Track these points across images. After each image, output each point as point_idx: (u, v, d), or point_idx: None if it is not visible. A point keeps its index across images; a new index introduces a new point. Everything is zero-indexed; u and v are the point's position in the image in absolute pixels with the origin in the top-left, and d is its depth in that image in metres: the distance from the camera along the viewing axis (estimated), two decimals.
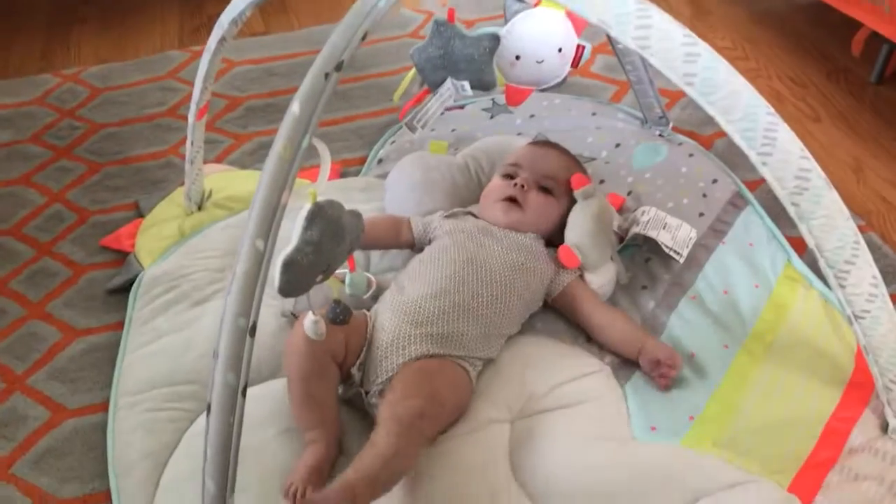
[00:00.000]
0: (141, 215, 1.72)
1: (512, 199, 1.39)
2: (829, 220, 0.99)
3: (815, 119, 1.91)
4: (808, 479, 1.12)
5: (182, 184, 1.69)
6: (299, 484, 1.09)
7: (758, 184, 1.65)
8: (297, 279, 0.94)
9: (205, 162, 1.63)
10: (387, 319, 1.25)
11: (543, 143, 1.51)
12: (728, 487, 1.09)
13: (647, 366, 1.27)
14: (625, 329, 1.32)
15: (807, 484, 1.11)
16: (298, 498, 1.07)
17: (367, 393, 1.21)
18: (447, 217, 1.43)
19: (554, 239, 1.41)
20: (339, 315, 1.02)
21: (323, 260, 0.96)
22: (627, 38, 0.92)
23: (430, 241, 1.41)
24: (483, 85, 1.11)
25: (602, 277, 1.38)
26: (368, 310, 1.32)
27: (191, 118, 1.48)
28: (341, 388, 1.24)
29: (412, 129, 1.07)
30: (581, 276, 1.38)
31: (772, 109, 0.95)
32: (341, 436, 1.19)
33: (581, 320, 1.35)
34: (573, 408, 1.23)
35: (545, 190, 1.40)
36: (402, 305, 1.25)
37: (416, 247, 1.44)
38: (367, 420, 1.21)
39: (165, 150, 1.92)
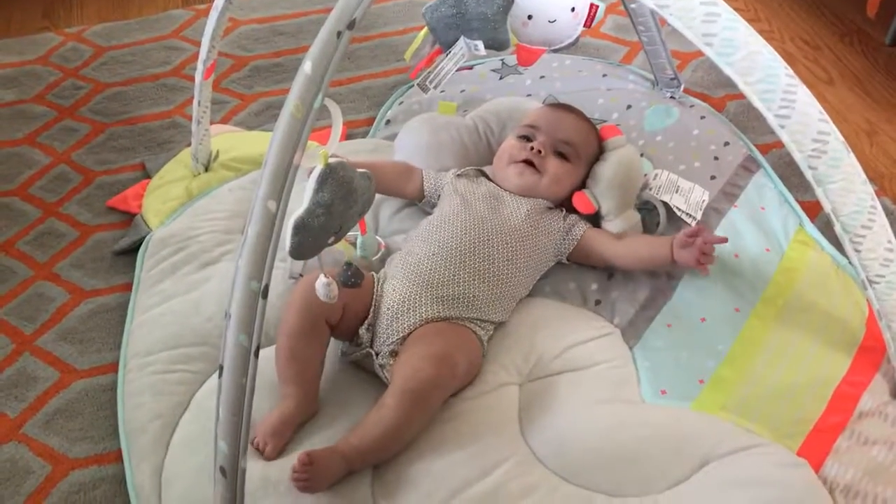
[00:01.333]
0: (147, 176, 1.71)
1: (528, 163, 1.38)
2: (847, 183, 0.98)
3: (828, 82, 1.89)
4: (817, 443, 1.12)
5: (188, 144, 1.68)
6: (262, 439, 1.12)
7: (769, 147, 1.64)
8: (308, 241, 0.94)
9: (211, 123, 1.61)
10: (397, 281, 1.24)
11: (563, 107, 1.48)
12: (738, 451, 1.09)
13: (685, 254, 1.27)
14: (647, 242, 1.33)
15: (816, 448, 1.11)
16: (266, 451, 1.11)
17: (377, 354, 1.21)
18: (459, 176, 1.42)
19: (564, 205, 1.41)
20: (351, 278, 1.02)
21: (335, 222, 0.95)
22: None
23: (438, 197, 1.41)
24: (497, 44, 1.09)
25: (619, 225, 1.38)
26: (377, 272, 1.31)
27: (198, 77, 1.46)
28: (348, 348, 1.24)
29: (424, 89, 1.05)
30: (599, 226, 1.39)
31: (791, 71, 0.93)
32: (317, 396, 1.19)
33: (604, 260, 1.35)
34: (582, 371, 1.23)
35: (562, 156, 1.39)
36: (413, 267, 1.25)
37: (424, 200, 1.44)
38: (374, 381, 1.21)
39: (171, 110, 1.90)
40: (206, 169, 1.64)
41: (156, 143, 1.81)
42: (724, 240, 1.30)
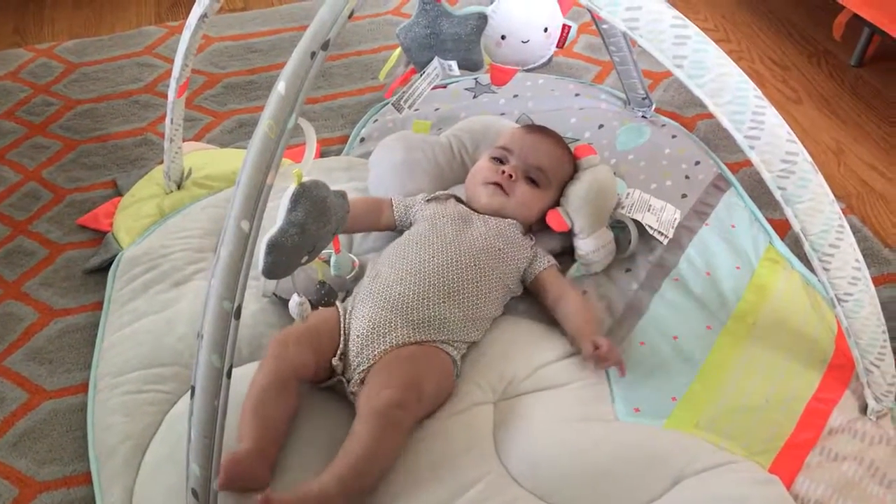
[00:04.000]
0: (119, 194, 1.69)
1: (498, 185, 1.38)
2: (815, 203, 0.99)
3: (797, 101, 1.92)
4: (789, 459, 1.13)
5: (160, 162, 1.67)
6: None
7: (740, 166, 1.66)
8: (281, 260, 0.94)
9: (183, 140, 1.60)
10: (366, 307, 1.23)
11: (539, 131, 1.48)
12: (711, 468, 1.10)
13: (587, 355, 1.24)
14: (576, 324, 1.29)
15: (788, 464, 1.12)
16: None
17: (348, 381, 1.20)
18: (429, 201, 1.42)
19: (535, 227, 1.42)
20: (325, 297, 1.02)
21: (308, 241, 0.95)
22: (617, 20, 0.92)
23: (410, 224, 1.40)
24: (470, 64, 1.09)
25: (592, 244, 1.39)
26: (349, 292, 1.31)
27: (171, 95, 1.45)
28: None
29: (399, 109, 1.06)
30: (572, 244, 1.40)
31: (760, 92, 0.95)
32: (273, 462, 1.10)
33: (547, 307, 1.35)
34: (556, 389, 1.23)
35: (533, 182, 1.40)
36: (381, 292, 1.24)
37: (396, 228, 1.43)
38: (350, 409, 1.20)
39: (143, 127, 1.89)
40: (179, 187, 1.63)
41: (128, 160, 1.80)
42: (621, 366, 1.24)
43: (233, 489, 1.03)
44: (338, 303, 1.27)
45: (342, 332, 1.22)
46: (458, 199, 1.43)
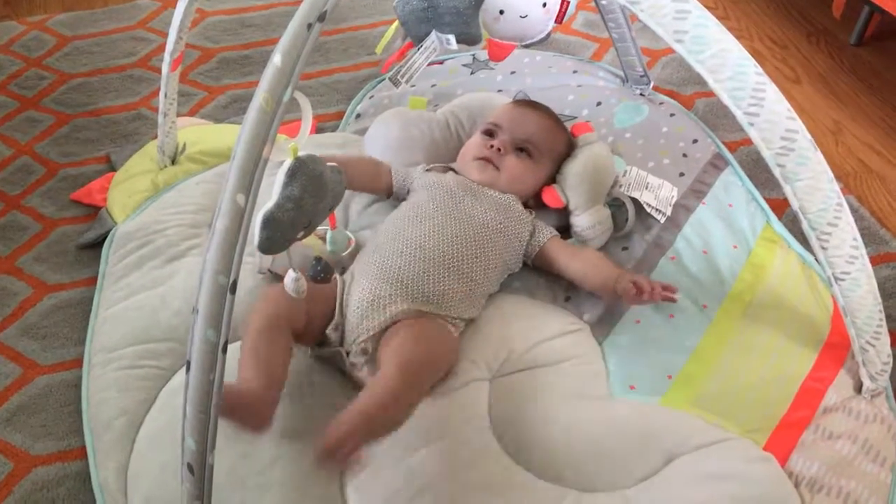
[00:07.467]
0: (113, 169, 1.68)
1: (488, 160, 1.38)
2: (814, 181, 0.98)
3: (795, 81, 1.91)
4: (783, 437, 1.13)
5: (154, 137, 1.65)
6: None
7: (737, 145, 1.65)
8: (277, 236, 0.92)
9: (177, 115, 1.59)
10: (366, 280, 1.23)
11: (527, 104, 1.48)
12: (705, 446, 1.10)
13: (627, 296, 1.25)
14: (601, 273, 1.30)
15: (782, 442, 1.13)
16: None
17: (347, 353, 1.20)
18: (428, 171, 1.41)
19: (531, 204, 1.42)
20: (321, 273, 1.01)
21: (304, 216, 0.94)
22: None
23: (408, 192, 1.40)
24: (469, 38, 1.08)
25: (587, 220, 1.38)
26: (346, 268, 1.31)
27: (165, 69, 1.44)
28: (316, 349, 1.23)
29: (396, 83, 1.04)
30: (568, 221, 1.40)
31: (760, 69, 0.94)
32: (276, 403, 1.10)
33: (562, 275, 1.35)
34: (552, 366, 1.23)
35: (522, 153, 1.39)
36: (382, 265, 1.24)
37: (394, 195, 1.43)
38: (343, 380, 1.20)
39: (136, 101, 1.87)
40: (173, 162, 1.62)
41: (121, 135, 1.78)
42: (673, 297, 1.27)
43: (232, 420, 1.03)
44: (337, 275, 1.27)
45: (339, 302, 1.22)
46: (455, 172, 1.42)
